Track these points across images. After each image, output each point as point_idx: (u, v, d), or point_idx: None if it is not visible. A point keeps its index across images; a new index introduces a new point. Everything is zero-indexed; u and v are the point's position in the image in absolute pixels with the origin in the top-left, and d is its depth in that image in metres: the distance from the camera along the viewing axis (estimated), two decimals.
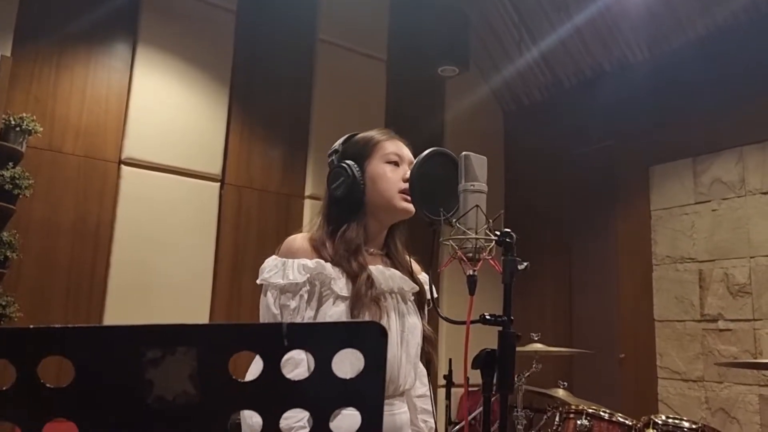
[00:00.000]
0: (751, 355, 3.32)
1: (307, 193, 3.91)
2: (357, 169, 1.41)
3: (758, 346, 3.30)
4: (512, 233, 1.16)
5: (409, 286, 1.44)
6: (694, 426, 2.04)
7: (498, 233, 1.16)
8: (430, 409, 1.48)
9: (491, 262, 1.19)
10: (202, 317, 3.44)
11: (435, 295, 1.38)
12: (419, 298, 1.48)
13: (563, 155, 4.36)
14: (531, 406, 2.74)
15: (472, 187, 1.21)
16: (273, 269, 1.34)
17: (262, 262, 1.43)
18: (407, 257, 1.51)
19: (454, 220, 1.20)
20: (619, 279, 3.93)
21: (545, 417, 2.69)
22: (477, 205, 1.18)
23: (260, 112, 3.85)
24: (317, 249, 1.37)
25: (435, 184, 1.30)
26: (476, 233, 1.17)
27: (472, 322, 1.18)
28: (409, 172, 1.40)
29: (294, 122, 3.98)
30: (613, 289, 3.94)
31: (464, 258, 1.17)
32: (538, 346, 2.56)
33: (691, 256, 3.64)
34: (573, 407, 2.29)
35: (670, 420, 2.10)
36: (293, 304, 1.30)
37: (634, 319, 3.83)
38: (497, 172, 4.75)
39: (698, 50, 3.68)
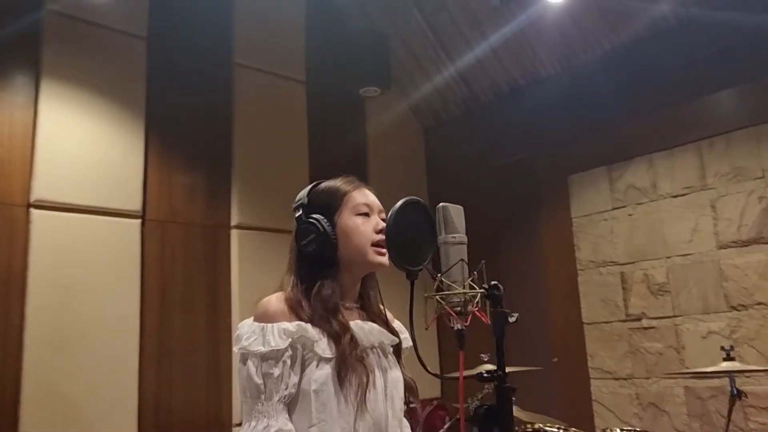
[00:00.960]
0: (675, 350, 3.52)
1: (233, 222, 3.79)
2: (327, 223, 1.37)
3: (680, 341, 3.51)
4: (499, 285, 1.15)
5: (389, 339, 1.42)
6: None
7: (485, 286, 1.16)
8: None
9: (477, 314, 1.19)
10: (130, 362, 3.26)
11: (412, 344, 1.36)
12: (396, 348, 1.46)
13: (484, 168, 4.46)
14: None
15: (453, 239, 1.20)
16: (251, 336, 1.27)
17: (191, 298, 1.36)
18: (381, 307, 1.48)
19: (439, 275, 1.18)
20: (547, 286, 4.06)
21: None
22: (462, 259, 1.17)
23: (179, 141, 3.70)
24: (294, 309, 1.32)
25: (409, 235, 1.28)
26: (463, 287, 1.16)
27: (465, 377, 1.17)
28: (381, 224, 1.38)
29: (215, 150, 3.84)
30: (542, 296, 4.06)
31: (453, 313, 1.16)
32: (489, 367, 2.60)
33: (613, 260, 3.82)
34: (529, 426, 2.33)
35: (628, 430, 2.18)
36: (276, 371, 1.24)
37: (564, 323, 3.97)
38: (421, 187, 4.80)
39: (606, 65, 3.87)
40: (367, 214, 1.41)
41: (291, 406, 1.27)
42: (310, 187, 1.47)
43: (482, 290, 1.15)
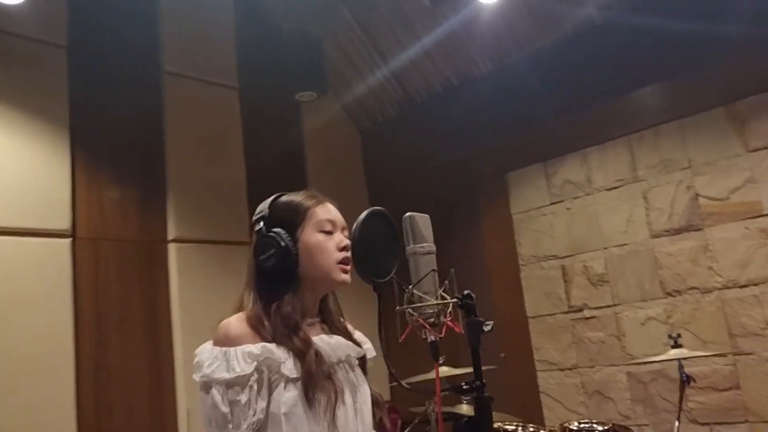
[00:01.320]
0: (616, 337, 3.63)
1: (170, 237, 3.65)
2: (288, 238, 1.32)
3: (621, 328, 3.62)
4: (472, 294, 1.14)
5: (355, 352, 1.38)
6: (605, 427, 2.18)
7: (458, 295, 1.14)
8: None
9: (451, 324, 1.17)
10: (66, 389, 3.08)
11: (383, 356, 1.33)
12: (361, 360, 1.43)
13: (422, 168, 4.47)
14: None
15: (422, 249, 1.18)
16: (214, 362, 1.21)
17: (129, 317, 1.29)
18: (342, 319, 1.45)
19: (410, 287, 1.16)
20: (491, 282, 4.11)
21: None
22: (434, 269, 1.15)
23: (108, 154, 3.52)
24: (256, 329, 1.26)
25: (375, 247, 1.26)
26: (436, 297, 1.14)
27: (443, 390, 1.15)
28: (345, 241, 1.35)
29: (147, 162, 3.69)
30: (486, 293, 4.10)
31: (427, 326, 1.13)
32: (445, 369, 2.60)
33: (553, 254, 3.90)
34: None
35: (583, 425, 2.22)
36: (243, 398, 1.18)
37: (509, 318, 4.02)
38: (360, 190, 4.77)
39: (537, 64, 3.95)
40: (330, 232, 1.37)
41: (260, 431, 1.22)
42: (271, 199, 1.41)
43: (455, 300, 1.13)
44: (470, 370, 2.64)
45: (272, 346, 1.24)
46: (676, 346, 2.34)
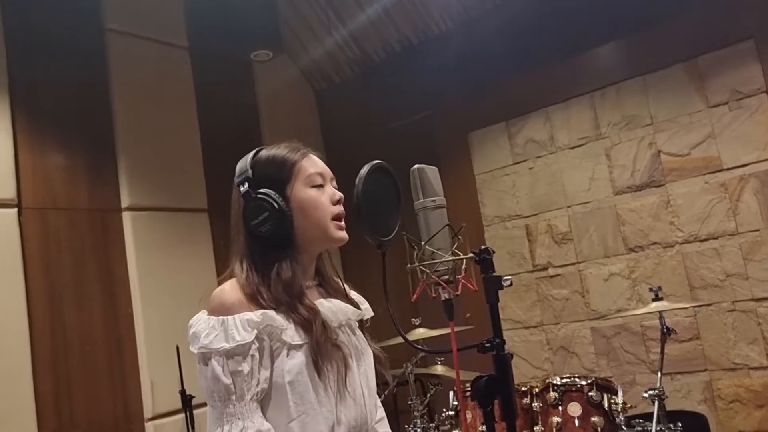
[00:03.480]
0: (579, 294, 3.69)
1: (124, 204, 3.47)
2: (280, 199, 1.22)
3: (584, 285, 3.68)
4: (490, 248, 1.09)
5: (355, 314, 1.32)
6: (588, 381, 2.20)
7: (475, 251, 1.08)
8: (389, 430, 1.39)
9: (463, 281, 1.12)
10: (22, 367, 2.92)
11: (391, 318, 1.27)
12: (360, 321, 1.36)
13: (381, 130, 4.39)
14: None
15: (432, 203, 1.12)
16: (211, 332, 1.12)
17: (85, 290, 1.19)
18: (337, 279, 1.38)
19: (423, 243, 1.09)
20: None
21: (429, 395, 2.72)
22: (448, 224, 1.09)
23: (52, 118, 3.30)
24: (252, 297, 1.17)
25: (378, 203, 1.18)
26: (450, 254, 1.08)
27: (460, 350, 1.10)
28: (337, 194, 1.27)
29: (94, 126, 3.48)
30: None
31: (442, 283, 1.08)
32: (421, 331, 2.57)
33: (517, 213, 3.91)
34: (468, 385, 2.33)
35: (566, 379, 2.24)
36: (246, 368, 1.10)
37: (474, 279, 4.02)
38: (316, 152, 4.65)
39: (498, 21, 3.89)
40: (321, 185, 1.28)
41: (263, 403, 1.14)
42: (250, 156, 1.30)
43: (472, 256, 1.07)
44: (446, 331, 2.61)
45: (272, 312, 1.16)
46: (658, 299, 2.37)
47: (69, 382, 3.10)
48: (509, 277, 1.09)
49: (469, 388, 1.10)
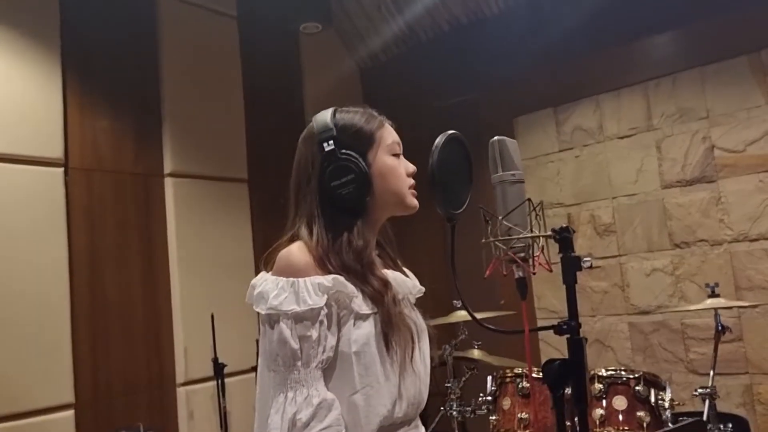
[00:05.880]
0: (619, 287, 3.62)
1: (166, 171, 3.48)
2: (363, 163, 1.19)
3: (625, 279, 3.60)
4: (570, 227, 1.04)
5: (415, 289, 1.29)
6: (636, 375, 2.15)
7: (555, 228, 1.04)
8: None
9: (540, 263, 1.08)
10: (61, 324, 2.95)
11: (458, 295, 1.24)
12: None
13: (425, 109, 4.31)
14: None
15: (512, 177, 1.08)
16: (281, 293, 1.09)
17: (125, 251, 1.16)
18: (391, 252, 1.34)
19: (500, 218, 1.05)
20: None
21: (463, 379, 2.69)
22: (529, 199, 1.05)
23: (101, 81, 3.31)
24: (321, 261, 1.14)
25: (450, 175, 1.15)
26: (530, 230, 1.04)
27: (532, 330, 1.07)
28: (411, 166, 1.24)
29: (142, 90, 3.48)
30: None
31: (518, 260, 1.04)
32: (462, 313, 2.54)
33: (560, 201, 3.84)
34: (509, 371, 2.30)
35: (612, 372, 2.19)
36: (314, 333, 1.07)
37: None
38: None
39: (552, 6, 3.79)
40: (398, 154, 1.25)
41: (327, 373, 1.10)
42: (329, 114, 1.25)
43: (551, 234, 1.03)
44: (489, 314, 2.57)
45: (342, 278, 1.12)
46: (714, 295, 2.30)
47: (107, 343, 3.14)
48: (589, 258, 1.04)
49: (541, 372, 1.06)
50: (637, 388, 2.12)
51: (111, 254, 3.21)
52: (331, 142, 1.19)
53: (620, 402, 2.10)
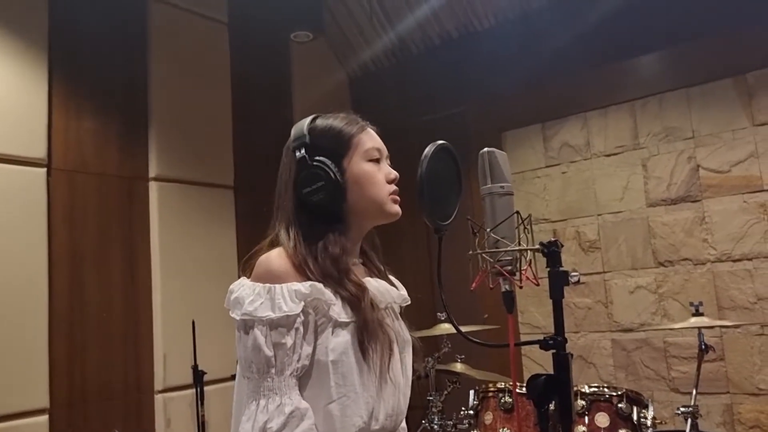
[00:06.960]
0: (603, 304, 3.62)
1: (151, 174, 3.44)
2: (336, 169, 1.18)
3: (608, 296, 3.61)
4: (558, 241, 1.04)
5: (400, 298, 1.27)
6: (618, 392, 2.15)
7: (543, 242, 1.03)
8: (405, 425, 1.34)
9: (526, 277, 1.07)
10: (38, 327, 2.89)
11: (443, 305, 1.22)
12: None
13: (413, 122, 4.32)
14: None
15: (501, 190, 1.07)
16: (257, 299, 1.07)
17: (106, 255, 1.14)
18: (378, 260, 1.33)
19: (488, 230, 1.04)
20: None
21: (445, 392, 2.68)
22: (517, 211, 1.04)
23: (88, 82, 3.28)
24: (299, 267, 1.12)
25: (439, 186, 1.14)
26: (518, 243, 1.03)
27: (517, 344, 1.05)
28: (393, 172, 1.23)
29: (129, 93, 3.45)
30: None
31: (505, 273, 1.03)
32: (446, 326, 2.52)
33: (545, 217, 3.85)
34: (491, 385, 2.28)
35: (595, 388, 2.18)
36: (289, 340, 1.05)
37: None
38: None
39: (542, 20, 3.82)
40: (378, 160, 1.24)
41: (302, 381, 1.09)
42: (307, 123, 1.25)
43: (539, 248, 1.02)
44: (474, 327, 2.55)
45: (320, 285, 1.11)
46: (698, 314, 2.31)
47: (83, 347, 3.08)
48: (576, 273, 1.03)
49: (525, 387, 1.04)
50: (619, 405, 2.12)
51: (92, 257, 3.17)
52: (303, 149, 1.19)
53: (602, 419, 2.10)
